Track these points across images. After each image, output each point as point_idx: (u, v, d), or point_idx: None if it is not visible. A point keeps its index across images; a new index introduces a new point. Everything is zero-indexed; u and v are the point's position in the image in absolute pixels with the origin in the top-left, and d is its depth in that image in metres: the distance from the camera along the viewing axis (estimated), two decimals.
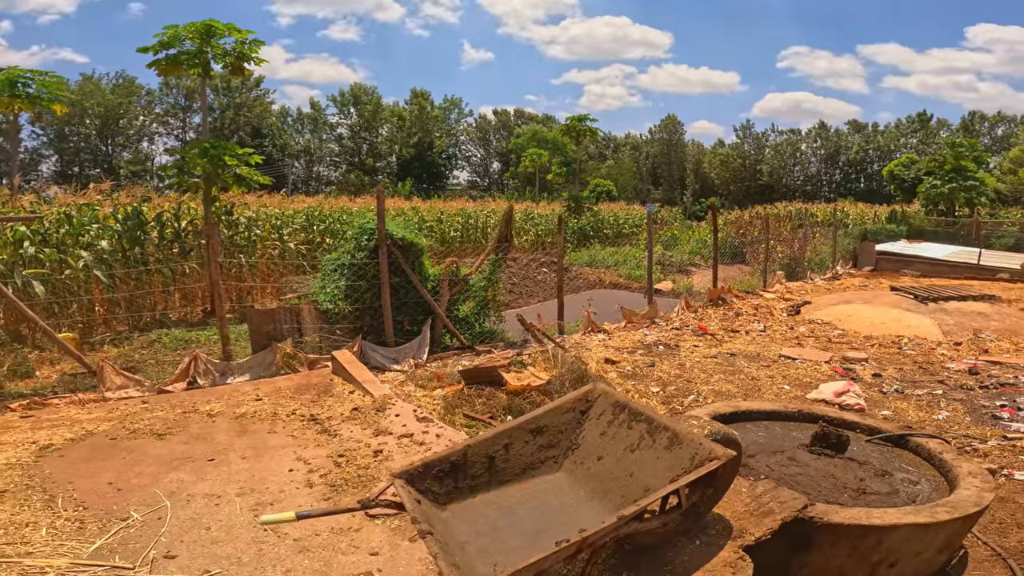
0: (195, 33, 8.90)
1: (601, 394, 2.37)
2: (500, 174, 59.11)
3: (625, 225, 25.68)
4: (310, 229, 14.53)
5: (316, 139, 55.63)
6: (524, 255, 16.86)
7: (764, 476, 2.66)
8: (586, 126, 24.76)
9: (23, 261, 7.92)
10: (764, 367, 6.59)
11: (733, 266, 16.79)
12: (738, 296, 11.20)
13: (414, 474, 2.06)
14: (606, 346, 7.61)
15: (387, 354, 7.00)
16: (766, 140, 61.94)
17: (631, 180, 54.64)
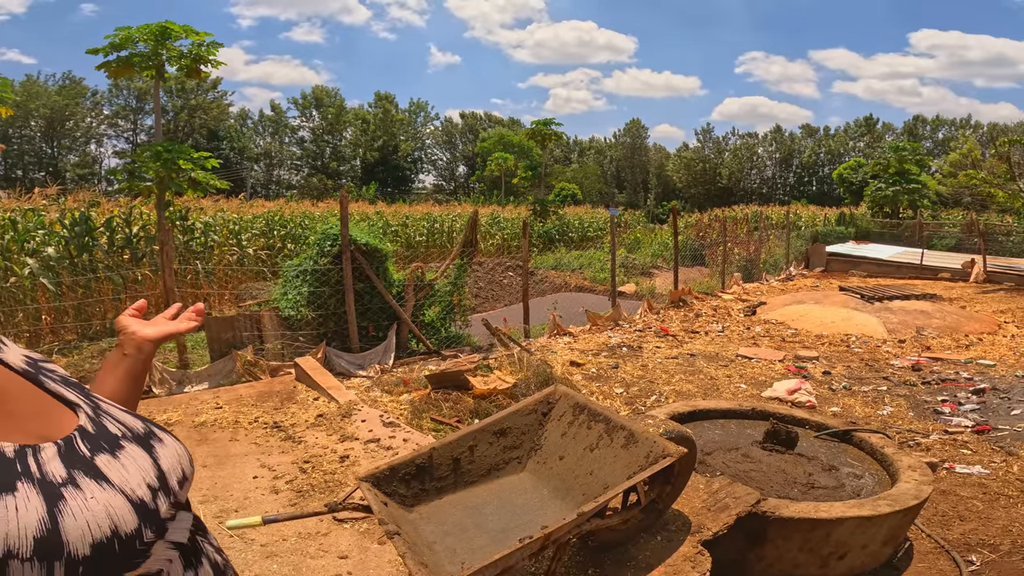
0: (149, 35, 8.66)
1: (562, 396, 2.45)
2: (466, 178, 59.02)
3: (590, 228, 26.03)
4: (270, 234, 14.28)
5: (277, 142, 54.43)
6: (490, 259, 16.92)
7: (720, 473, 2.78)
8: (551, 130, 25.03)
9: None
10: (722, 367, 6.82)
11: (693, 268, 17.23)
12: (698, 298, 11.52)
13: (380, 477, 2.09)
14: (571, 349, 7.73)
15: (352, 360, 6.95)
16: (726, 144, 63.67)
17: (596, 184, 55.36)
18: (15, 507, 0.64)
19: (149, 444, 0.81)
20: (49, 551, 0.64)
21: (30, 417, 0.75)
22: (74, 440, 0.74)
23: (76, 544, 0.65)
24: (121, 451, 0.78)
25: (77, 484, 0.70)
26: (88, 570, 0.66)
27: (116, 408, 0.84)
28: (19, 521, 0.63)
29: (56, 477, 0.69)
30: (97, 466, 0.73)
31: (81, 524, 0.67)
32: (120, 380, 0.99)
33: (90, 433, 0.77)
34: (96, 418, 0.80)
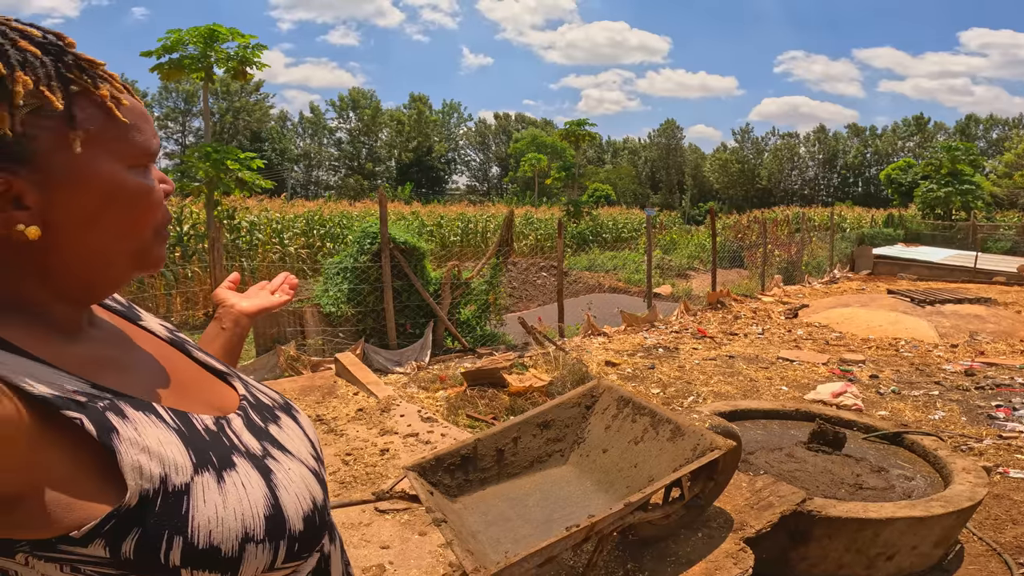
0: (198, 37, 8.99)
1: (606, 389, 2.45)
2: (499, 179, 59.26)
3: (624, 229, 25.81)
4: (310, 233, 14.64)
5: (315, 143, 55.70)
6: (523, 259, 16.96)
7: (763, 472, 2.74)
8: (585, 131, 24.92)
9: None
10: (762, 369, 6.67)
11: (731, 270, 16.90)
12: (736, 300, 11.30)
13: (426, 467, 2.13)
14: (606, 349, 7.69)
15: (390, 356, 7.07)
16: (765, 144, 62.20)
17: (630, 184, 54.84)
18: (241, 484, 0.59)
19: (292, 413, 0.77)
20: (276, 530, 0.59)
21: (200, 388, 0.70)
22: (248, 411, 0.70)
23: (293, 519, 0.61)
24: (279, 421, 0.73)
25: (272, 456, 0.65)
26: (300, 547, 0.61)
27: (251, 379, 0.79)
28: (250, 499, 0.58)
29: (255, 449, 0.64)
30: (275, 436, 0.69)
31: (292, 498, 0.62)
32: (217, 354, 0.92)
33: (253, 403, 0.73)
34: (248, 388, 0.76)
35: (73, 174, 0.56)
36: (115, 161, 0.58)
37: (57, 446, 0.51)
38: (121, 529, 0.52)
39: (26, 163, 0.54)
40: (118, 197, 0.59)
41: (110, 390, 0.56)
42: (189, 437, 0.59)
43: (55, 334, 0.59)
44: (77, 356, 0.58)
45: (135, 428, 0.55)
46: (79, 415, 0.52)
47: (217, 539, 0.55)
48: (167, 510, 0.53)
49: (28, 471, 0.50)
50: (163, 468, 0.54)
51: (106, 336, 0.66)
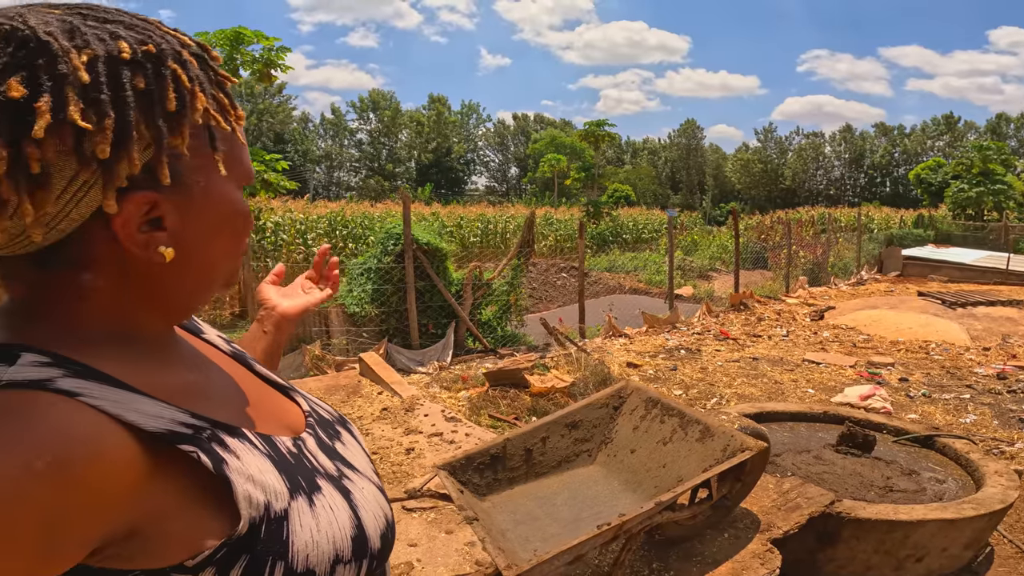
0: (225, 40, 9.13)
1: (634, 391, 2.46)
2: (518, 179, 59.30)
3: (644, 230, 25.64)
4: (333, 234, 14.82)
5: (337, 145, 56.29)
6: (543, 260, 16.96)
7: (790, 474, 2.72)
8: (605, 131, 24.80)
9: None
10: (787, 371, 6.60)
11: (755, 271, 16.69)
12: (760, 301, 11.16)
13: (456, 466, 2.17)
14: (627, 350, 7.67)
15: (412, 356, 7.14)
16: (789, 144, 61.25)
17: (650, 185, 54.45)
18: (329, 507, 0.59)
19: (348, 427, 0.76)
20: (361, 549, 0.59)
21: (270, 406, 0.69)
22: (315, 428, 0.69)
23: (373, 538, 0.61)
24: (341, 436, 0.73)
25: (346, 475, 0.65)
26: (377, 564, 0.62)
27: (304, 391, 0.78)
28: (338, 522, 0.59)
29: (331, 470, 0.64)
30: (342, 454, 0.69)
31: (371, 516, 0.63)
32: (259, 358, 0.88)
33: (316, 419, 0.72)
34: (309, 403, 0.74)
35: (204, 195, 0.55)
36: (233, 182, 0.58)
37: (170, 479, 0.51)
38: (231, 557, 0.52)
39: (169, 183, 0.52)
40: (234, 218, 0.58)
41: (206, 418, 0.56)
42: (279, 462, 0.59)
43: (149, 361, 0.58)
44: (170, 383, 0.57)
45: (238, 457, 0.55)
46: (194, 448, 0.52)
47: (313, 562, 0.55)
48: (270, 536, 0.54)
49: (142, 505, 0.50)
50: (266, 495, 0.55)
51: (187, 357, 0.64)
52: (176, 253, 0.54)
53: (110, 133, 0.46)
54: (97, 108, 0.46)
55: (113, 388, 0.51)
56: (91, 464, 0.45)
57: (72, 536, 0.46)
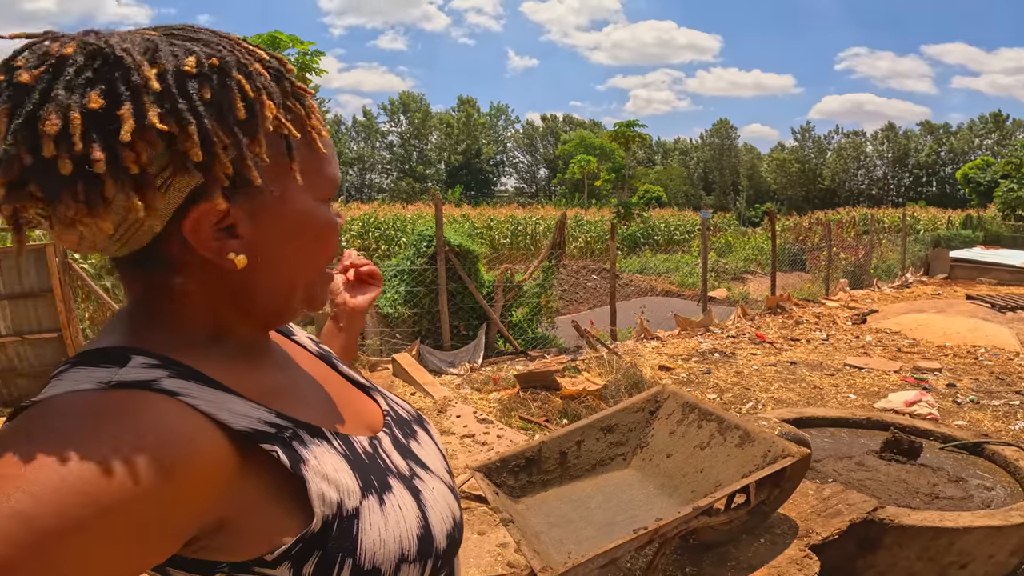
0: (261, 45, 9.36)
1: (671, 395, 2.44)
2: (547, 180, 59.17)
3: (676, 232, 25.31)
4: (366, 235, 15.06)
5: (368, 147, 57.07)
6: (573, 262, 16.90)
7: (831, 480, 2.66)
8: (635, 132, 24.58)
9: (110, 266, 8.56)
10: (827, 376, 6.41)
11: (792, 274, 16.29)
12: (798, 304, 10.88)
13: (492, 468, 2.18)
14: (660, 353, 7.57)
15: (444, 358, 7.20)
16: (827, 143, 59.57)
17: (681, 186, 53.66)
18: (398, 506, 0.60)
19: (425, 426, 0.78)
20: (426, 549, 0.60)
21: (351, 406, 0.71)
22: (392, 428, 0.71)
23: (439, 538, 0.62)
24: (417, 435, 0.74)
25: (417, 475, 0.66)
26: (442, 564, 0.62)
27: (386, 391, 0.80)
28: (406, 521, 0.60)
29: (403, 470, 0.65)
30: (416, 454, 0.70)
31: (438, 517, 0.63)
32: (337, 354, 0.89)
33: (394, 419, 0.73)
34: (388, 402, 0.76)
35: (278, 204, 0.56)
36: (309, 193, 0.58)
37: (255, 475, 0.54)
38: (305, 552, 0.54)
39: (242, 192, 0.54)
40: (308, 229, 0.59)
41: (290, 418, 0.58)
42: (354, 461, 0.61)
43: (239, 362, 0.61)
44: (259, 384, 0.60)
45: (315, 456, 0.57)
46: (275, 447, 0.54)
47: (379, 560, 0.57)
48: (341, 534, 0.56)
49: (231, 500, 0.53)
50: (339, 494, 0.57)
51: (278, 359, 0.67)
52: (251, 261, 0.56)
53: (196, 137, 0.49)
54: (176, 115, 0.48)
55: (209, 388, 0.54)
56: (188, 461, 0.48)
57: (167, 529, 0.49)
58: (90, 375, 0.51)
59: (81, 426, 0.46)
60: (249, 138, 0.52)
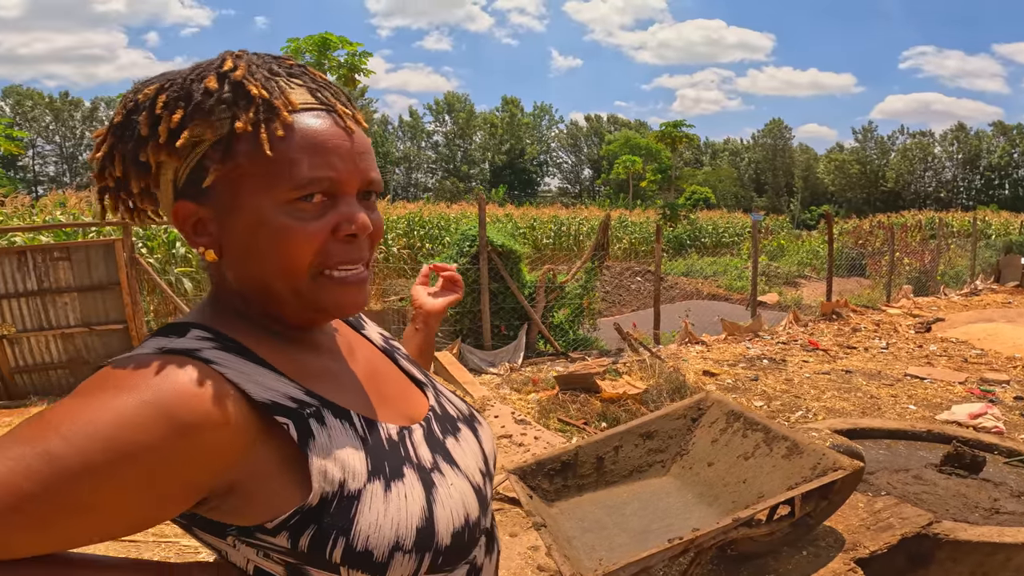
0: (313, 46, 9.62)
1: (715, 402, 2.34)
2: (592, 181, 58.66)
3: (725, 234, 24.64)
4: (411, 234, 15.28)
5: (414, 147, 57.91)
6: (617, 263, 16.67)
7: (884, 493, 2.52)
8: (682, 132, 23.99)
9: (175, 260, 9.00)
10: (886, 386, 6.08)
11: (850, 279, 15.57)
12: (856, 311, 10.38)
13: (527, 470, 2.15)
14: (704, 358, 7.36)
15: (484, 357, 7.21)
16: (891, 143, 56.72)
17: (731, 187, 52.16)
18: (404, 495, 0.61)
19: (473, 426, 0.79)
20: (424, 542, 0.60)
21: (397, 397, 0.74)
22: (431, 422, 0.73)
23: (443, 534, 0.62)
24: (459, 433, 0.75)
25: (440, 470, 0.67)
26: (444, 560, 0.62)
27: (445, 388, 0.83)
28: (407, 510, 0.61)
29: (426, 462, 0.66)
30: (449, 450, 0.71)
31: (447, 513, 0.63)
32: (414, 354, 0.97)
33: (439, 415, 0.75)
34: (438, 398, 0.78)
35: (234, 208, 0.60)
36: (263, 195, 0.59)
37: (269, 444, 0.58)
38: (302, 524, 0.57)
39: (205, 195, 0.60)
40: (260, 231, 0.60)
41: (319, 397, 0.62)
42: (371, 446, 0.62)
43: (291, 345, 0.66)
44: (303, 366, 0.65)
45: (329, 435, 0.60)
46: (287, 420, 0.58)
47: (372, 544, 0.58)
48: (339, 512, 0.58)
49: (245, 465, 0.56)
50: (343, 474, 0.59)
51: (329, 346, 0.71)
52: (222, 256, 0.63)
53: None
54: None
55: (247, 362, 0.60)
56: (203, 422, 0.53)
57: (178, 483, 0.53)
58: (156, 343, 0.59)
59: (121, 383, 0.53)
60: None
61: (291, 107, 0.60)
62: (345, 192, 0.62)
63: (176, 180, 0.61)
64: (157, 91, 0.60)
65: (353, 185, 0.62)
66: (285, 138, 0.58)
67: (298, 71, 0.64)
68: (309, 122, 0.60)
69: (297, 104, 0.60)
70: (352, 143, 0.62)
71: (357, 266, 0.65)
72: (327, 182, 0.60)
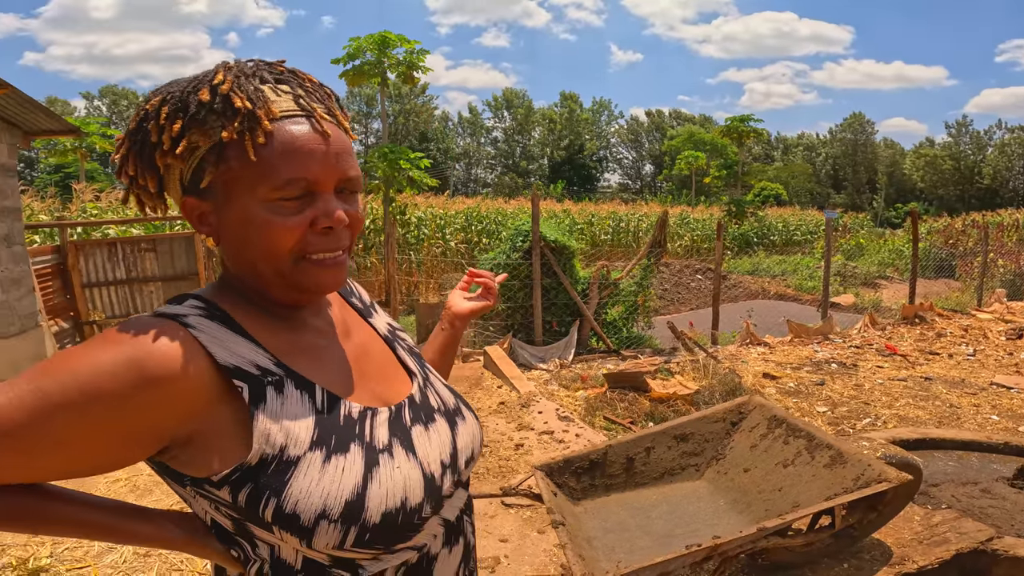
0: (373, 44, 9.88)
1: (757, 406, 2.20)
2: (653, 177, 57.25)
3: (797, 232, 23.40)
4: (469, 229, 15.44)
5: (474, 142, 58.40)
6: (677, 261, 16.17)
7: (945, 506, 2.30)
8: (749, 127, 22.89)
9: None
10: (968, 395, 5.57)
11: (938, 281, 14.42)
12: (941, 315, 9.58)
13: (554, 468, 2.10)
14: (766, 360, 7.00)
15: (535, 352, 7.17)
16: (988, 138, 52.07)
17: (805, 183, 49.44)
18: (342, 468, 0.65)
19: (454, 420, 0.81)
20: (352, 516, 0.64)
21: (377, 379, 0.78)
22: (403, 408, 0.76)
23: (372, 511, 0.65)
24: (432, 424, 0.78)
25: (391, 452, 0.70)
26: (372, 537, 0.65)
27: (441, 382, 0.87)
28: (341, 482, 0.64)
29: (379, 442, 0.70)
30: (411, 436, 0.74)
31: (381, 492, 0.66)
32: (436, 351, 1.06)
33: (416, 403, 0.79)
34: (424, 389, 0.82)
35: (226, 204, 0.68)
36: (249, 194, 0.67)
37: (228, 404, 0.64)
38: (241, 481, 0.63)
39: (206, 192, 0.69)
40: (247, 224, 0.68)
41: (288, 369, 0.68)
42: (324, 419, 0.67)
43: (279, 321, 0.73)
44: (282, 340, 0.71)
45: (282, 403, 0.66)
46: (243, 384, 0.64)
47: (300, 509, 0.62)
48: (276, 474, 0.63)
49: (204, 420, 0.63)
50: (286, 439, 0.64)
51: (319, 326, 0.77)
52: (220, 243, 0.71)
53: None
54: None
55: (226, 330, 0.67)
56: (168, 376, 0.60)
57: (142, 428, 0.61)
58: (158, 308, 0.68)
59: (111, 339, 0.61)
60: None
61: (272, 116, 0.67)
62: (322, 190, 0.69)
63: (182, 179, 0.70)
64: (161, 102, 0.68)
65: (329, 183, 0.69)
66: (266, 144, 0.66)
67: (287, 77, 0.71)
68: (288, 128, 0.67)
69: (277, 113, 0.67)
70: (328, 145, 0.69)
71: (336, 252, 0.71)
72: (303, 182, 0.67)
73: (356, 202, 0.74)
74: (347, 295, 0.90)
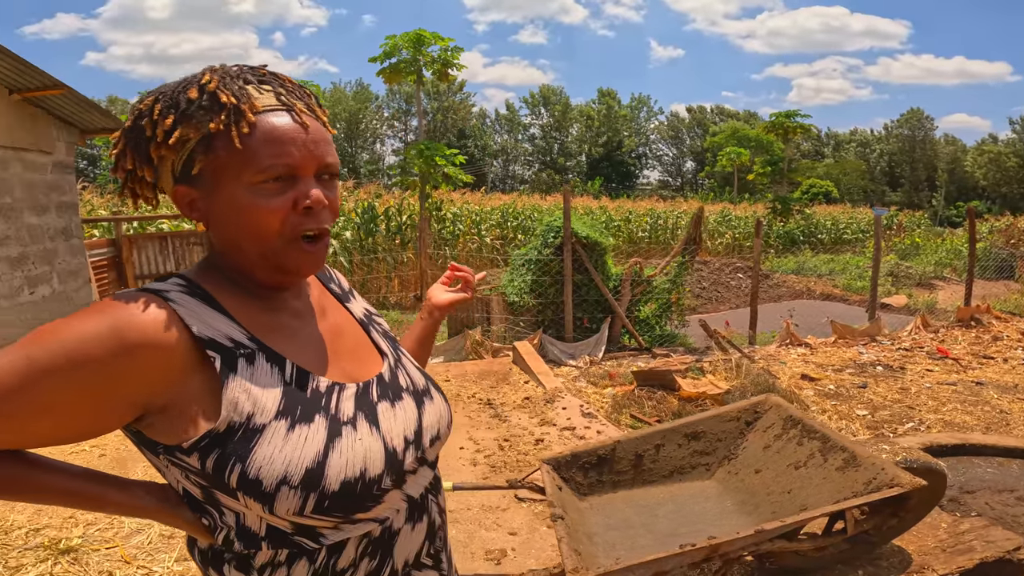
0: (408, 42, 10.00)
1: (773, 406, 2.11)
2: (694, 174, 55.93)
3: (847, 230, 22.47)
4: (504, 225, 15.45)
5: (512, 139, 58.28)
6: (717, 259, 15.76)
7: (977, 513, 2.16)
8: (796, 123, 22.04)
9: None
10: (1021, 400, 5.23)
11: (997, 282, 13.62)
12: (999, 317, 9.02)
13: (561, 462, 2.07)
14: (806, 361, 6.75)
15: (565, 349, 7.12)
16: None
17: (858, 181, 47.40)
18: (305, 437, 0.68)
19: (421, 399, 0.85)
20: (312, 483, 0.67)
21: (348, 357, 0.82)
22: (371, 385, 0.80)
23: (331, 480, 0.68)
24: (399, 402, 0.81)
25: (355, 424, 0.73)
26: (331, 505, 0.68)
27: (412, 364, 0.91)
28: (303, 451, 0.67)
29: (344, 415, 0.73)
30: (377, 411, 0.77)
31: (342, 461, 0.69)
32: (414, 340, 1.11)
33: (385, 381, 0.83)
34: (394, 369, 0.86)
35: (214, 190, 0.73)
36: (235, 180, 0.72)
37: (202, 374, 0.67)
38: (209, 447, 0.66)
39: (196, 180, 0.73)
40: (233, 209, 0.72)
41: (261, 344, 0.72)
42: (292, 390, 0.71)
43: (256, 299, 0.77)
44: (259, 317, 0.75)
45: (252, 374, 0.69)
46: (216, 355, 0.68)
47: (263, 475, 0.66)
48: (242, 442, 0.66)
49: (178, 389, 0.66)
50: (253, 408, 0.67)
51: (297, 308, 0.81)
52: (208, 226, 0.75)
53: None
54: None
55: (205, 306, 0.71)
56: (146, 345, 0.64)
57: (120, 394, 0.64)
58: (145, 285, 0.71)
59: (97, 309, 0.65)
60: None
61: (255, 109, 0.72)
62: (303, 174, 0.73)
63: (174, 170, 0.74)
64: (154, 101, 0.73)
65: (309, 168, 0.74)
66: (250, 134, 0.71)
67: (269, 79, 0.77)
68: (270, 119, 0.72)
69: (260, 106, 0.72)
70: (307, 135, 0.74)
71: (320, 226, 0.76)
72: (284, 167, 0.72)
73: (335, 188, 0.78)
74: (326, 280, 0.94)
